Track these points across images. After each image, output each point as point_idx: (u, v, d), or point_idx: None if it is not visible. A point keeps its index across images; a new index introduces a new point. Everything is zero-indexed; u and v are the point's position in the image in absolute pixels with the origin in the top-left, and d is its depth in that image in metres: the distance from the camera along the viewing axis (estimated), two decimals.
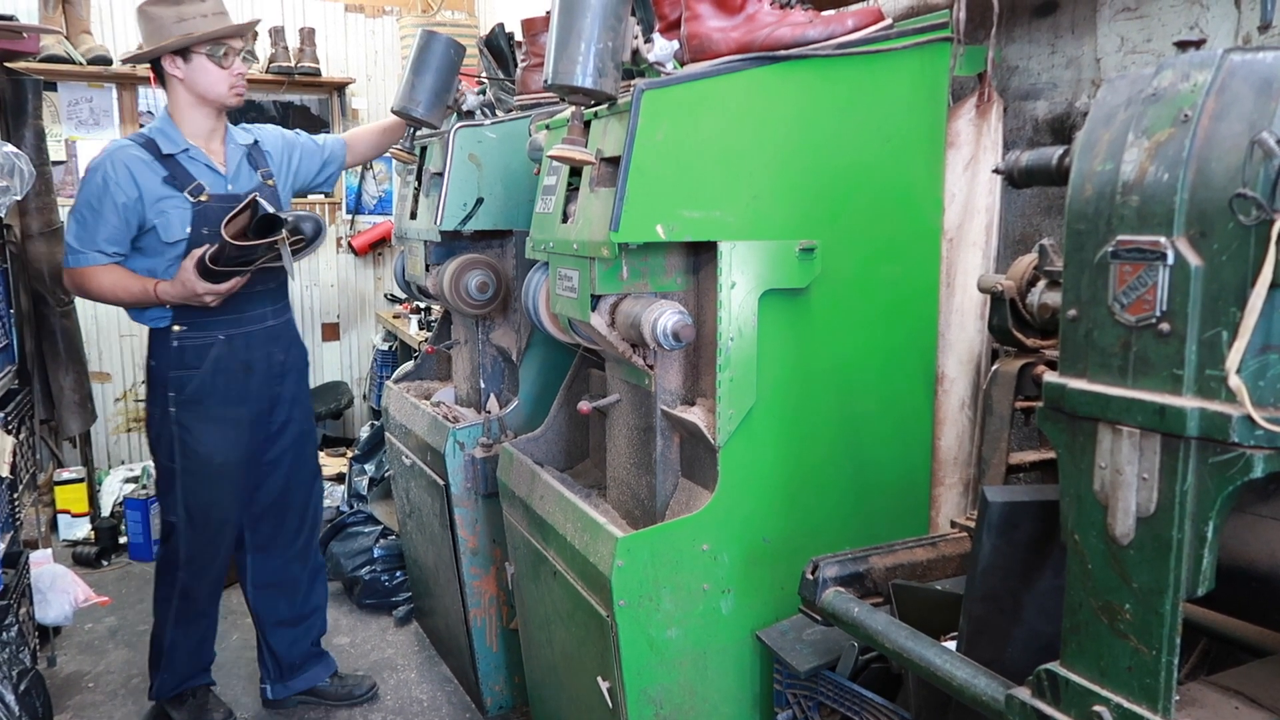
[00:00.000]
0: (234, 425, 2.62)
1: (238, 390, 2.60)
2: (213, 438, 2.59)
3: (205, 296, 2.41)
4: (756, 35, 1.75)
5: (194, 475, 2.60)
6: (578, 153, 1.69)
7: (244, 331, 2.60)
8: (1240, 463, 0.89)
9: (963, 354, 1.99)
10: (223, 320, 2.55)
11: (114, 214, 2.44)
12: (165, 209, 2.47)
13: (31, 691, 2.41)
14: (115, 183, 2.43)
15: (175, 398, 2.55)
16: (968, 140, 1.98)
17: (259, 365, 2.64)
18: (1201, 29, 1.69)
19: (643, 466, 1.96)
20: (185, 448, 2.58)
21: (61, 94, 4.75)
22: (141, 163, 2.47)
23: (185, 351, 2.54)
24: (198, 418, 2.57)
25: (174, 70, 2.49)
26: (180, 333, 2.53)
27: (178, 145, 2.52)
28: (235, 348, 2.58)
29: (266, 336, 2.66)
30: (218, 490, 2.64)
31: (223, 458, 2.61)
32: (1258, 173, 0.87)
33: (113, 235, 2.45)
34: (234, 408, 2.61)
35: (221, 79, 2.51)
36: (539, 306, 2.13)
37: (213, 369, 2.55)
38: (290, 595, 2.91)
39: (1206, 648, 1.34)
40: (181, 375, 2.54)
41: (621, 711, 1.82)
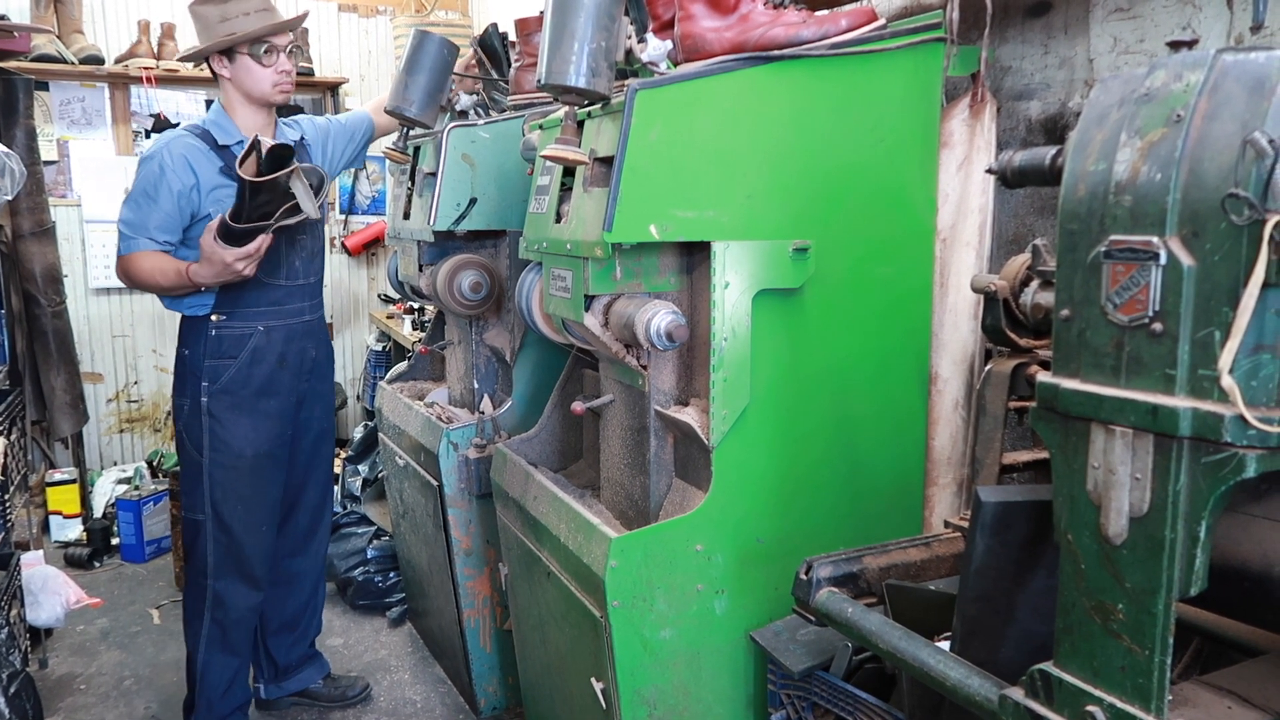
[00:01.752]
0: (265, 418, 2.58)
1: (272, 383, 2.57)
2: (245, 430, 2.54)
3: (236, 264, 2.33)
4: (750, 35, 1.74)
5: (224, 469, 2.54)
6: (571, 153, 1.69)
7: (283, 324, 2.58)
8: (1233, 463, 0.89)
9: (956, 354, 2.00)
10: (264, 311, 2.54)
11: (169, 201, 2.42)
12: (221, 198, 2.44)
13: (22, 694, 2.40)
14: (172, 170, 2.42)
15: (209, 387, 2.50)
16: (961, 140, 1.99)
17: (293, 360, 2.61)
18: (1194, 29, 1.69)
19: (636, 467, 1.96)
20: (216, 439, 2.52)
21: (53, 93, 4.73)
22: (199, 151, 2.46)
23: (223, 341, 2.51)
24: (231, 408, 2.52)
25: (221, 70, 2.51)
26: (220, 321, 2.50)
27: (232, 137, 2.52)
28: (273, 340, 2.56)
29: (303, 331, 2.64)
30: (248, 485, 2.58)
31: (254, 450, 2.56)
32: (1250, 172, 0.87)
33: (165, 223, 2.43)
34: (266, 400, 2.57)
35: (265, 77, 2.51)
36: (532, 307, 2.12)
37: (250, 360, 2.53)
38: (294, 595, 2.88)
39: (1199, 647, 1.35)
40: (217, 365, 2.51)
41: (615, 712, 1.81)
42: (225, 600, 2.60)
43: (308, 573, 2.90)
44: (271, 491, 2.65)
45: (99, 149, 4.85)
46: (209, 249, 2.33)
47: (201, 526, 2.57)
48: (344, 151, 2.86)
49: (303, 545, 2.86)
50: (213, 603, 2.60)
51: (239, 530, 2.58)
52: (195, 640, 2.64)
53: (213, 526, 2.56)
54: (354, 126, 2.88)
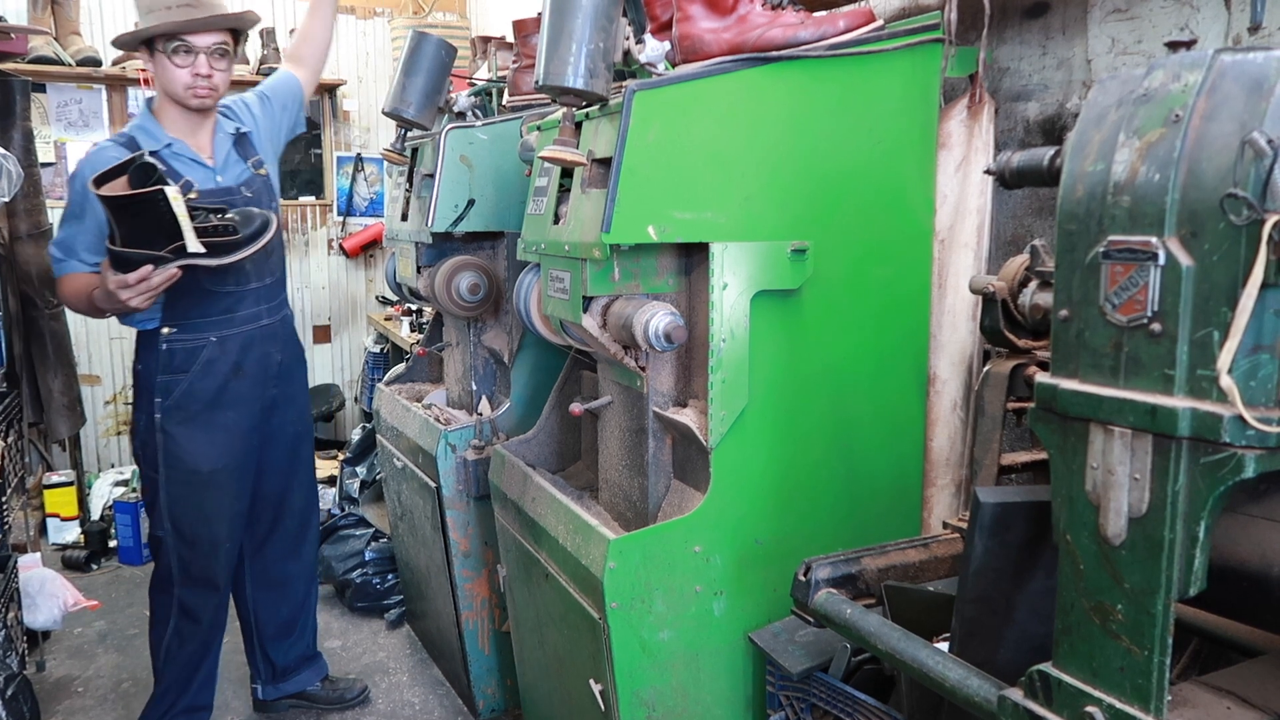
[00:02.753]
0: (224, 431, 2.47)
1: (228, 394, 2.46)
2: (200, 445, 2.43)
3: (119, 292, 2.11)
4: (748, 36, 1.74)
5: (180, 485, 2.45)
6: (569, 154, 1.69)
7: (238, 332, 2.45)
8: (1231, 463, 0.89)
9: (954, 355, 2.00)
10: (215, 321, 2.40)
11: (94, 220, 2.26)
12: None
13: (19, 697, 2.40)
14: None
15: (161, 403, 2.40)
16: (959, 141, 1.99)
17: (252, 367, 2.49)
18: (1192, 30, 1.69)
19: (635, 468, 1.95)
20: (170, 456, 2.42)
21: (50, 95, 4.73)
22: None
23: (174, 355, 2.39)
24: (184, 424, 2.42)
25: (146, 64, 2.35)
26: (169, 335, 2.38)
27: (159, 141, 2.34)
28: (228, 349, 2.43)
29: (263, 336, 2.50)
30: (207, 502, 2.48)
31: (211, 465, 2.46)
32: (1248, 173, 0.87)
33: (94, 244, 2.28)
34: (223, 412, 2.46)
35: (177, 79, 2.32)
36: (530, 308, 2.12)
37: (203, 372, 2.41)
38: (289, 599, 2.84)
39: (1198, 648, 1.35)
40: (169, 380, 2.40)
41: (614, 714, 1.81)
42: (191, 609, 2.55)
43: (299, 575, 2.86)
44: (234, 505, 2.55)
45: None
46: (101, 272, 2.19)
47: (164, 542, 2.50)
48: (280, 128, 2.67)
49: (293, 549, 2.82)
50: (179, 611, 2.55)
51: (202, 546, 2.51)
52: (157, 649, 2.60)
53: (174, 542, 2.49)
54: (286, 95, 2.68)
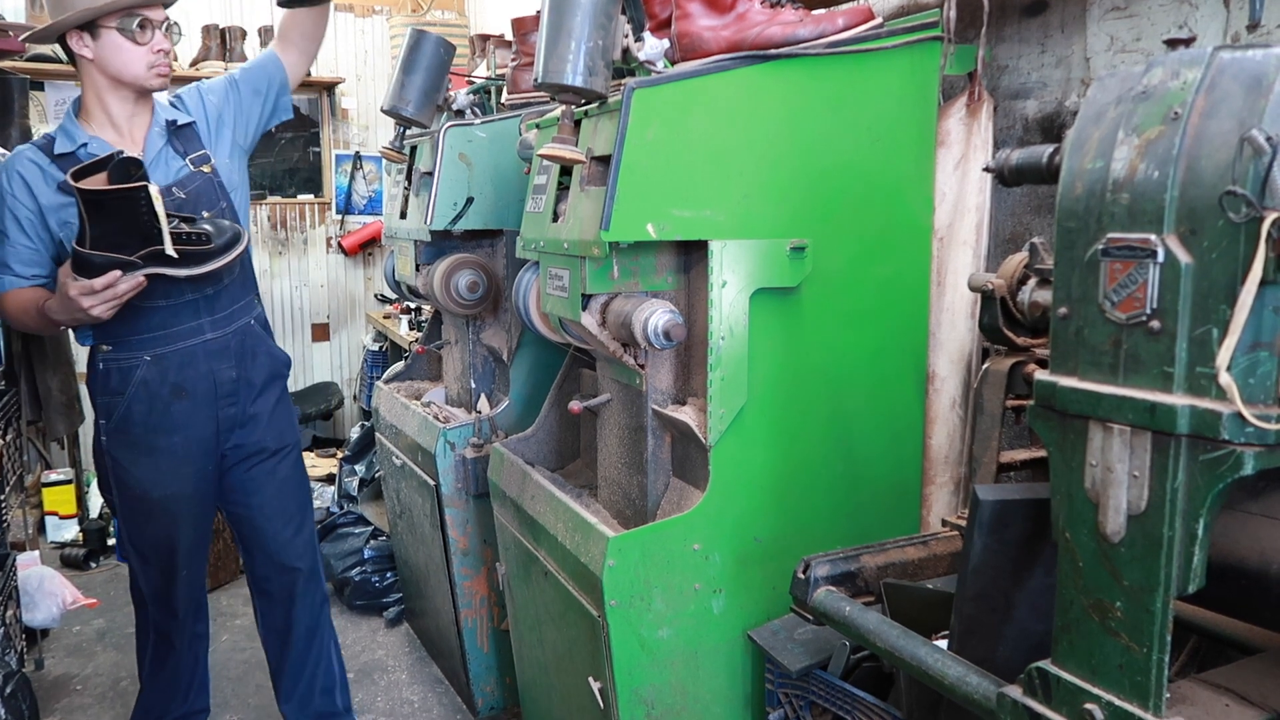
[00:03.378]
0: (168, 455, 2.25)
1: (171, 417, 2.23)
2: (145, 470, 2.25)
3: (80, 299, 1.94)
4: (747, 34, 1.74)
5: (133, 510, 2.30)
6: (568, 152, 1.69)
7: (175, 349, 2.20)
8: (1230, 460, 0.89)
9: (953, 353, 2.00)
10: (147, 339, 2.18)
11: (17, 231, 2.10)
12: (68, 218, 2.08)
13: (18, 694, 2.39)
14: (12, 195, 2.10)
15: (105, 426, 2.25)
16: (958, 139, 1.99)
17: (197, 387, 2.24)
18: (1190, 28, 1.69)
19: (634, 466, 1.95)
20: (119, 481, 2.28)
21: (48, 93, 4.72)
22: (36, 168, 2.11)
23: (110, 375, 2.21)
24: (126, 448, 2.25)
25: (82, 50, 2.09)
26: (106, 354, 2.20)
27: (75, 141, 2.12)
28: (165, 368, 2.20)
29: (207, 353, 2.23)
30: (161, 527, 2.31)
31: (161, 491, 2.27)
32: (1247, 170, 0.87)
33: (24, 255, 2.12)
34: (164, 436, 2.24)
35: (138, 57, 2.10)
36: (529, 306, 2.12)
37: (137, 394, 2.21)
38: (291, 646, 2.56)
39: (1197, 645, 1.35)
40: (108, 401, 2.23)
41: (613, 712, 1.81)
42: (164, 632, 2.45)
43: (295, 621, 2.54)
44: (192, 533, 2.37)
45: None
46: (60, 280, 2.01)
47: (130, 564, 2.41)
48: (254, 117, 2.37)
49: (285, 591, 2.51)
50: (155, 632, 2.45)
51: (160, 573, 2.37)
52: (141, 660, 2.52)
53: (139, 565, 2.38)
54: (259, 79, 2.38)
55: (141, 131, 2.20)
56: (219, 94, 2.33)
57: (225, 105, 2.33)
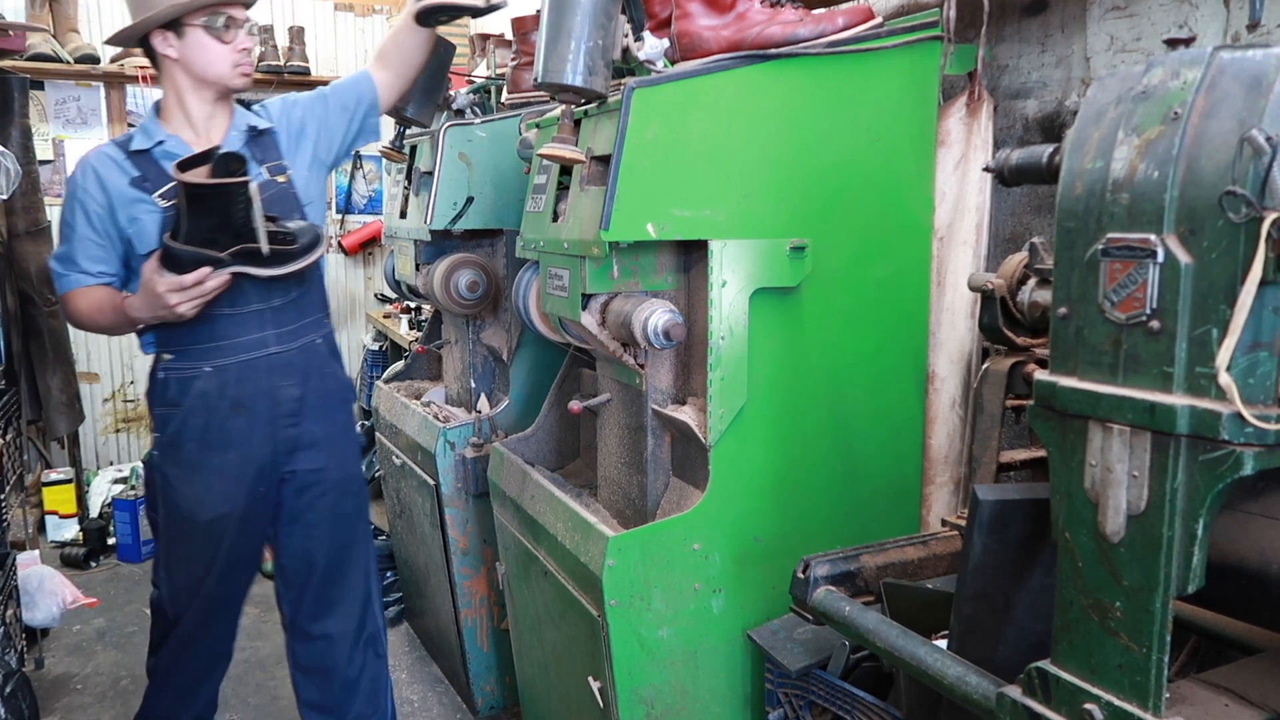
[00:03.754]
0: (220, 475, 2.11)
1: (226, 434, 2.11)
2: (195, 489, 2.12)
3: (167, 295, 1.91)
4: (747, 34, 1.74)
5: (176, 533, 2.15)
6: (568, 151, 1.69)
7: (237, 361, 2.09)
8: (1230, 460, 0.89)
9: (953, 352, 2.00)
10: (210, 348, 2.08)
11: (86, 226, 2.05)
12: (137, 215, 2.04)
13: (18, 694, 2.40)
14: (84, 189, 2.05)
15: (159, 439, 2.14)
16: (958, 139, 1.99)
17: (258, 404, 2.11)
18: (1190, 27, 1.69)
19: (634, 466, 1.95)
20: (166, 500, 2.15)
21: (49, 93, 4.72)
22: (111, 162, 2.07)
23: (169, 385, 2.11)
24: (178, 464, 2.12)
25: (166, 49, 2.05)
26: (167, 363, 2.11)
27: (152, 138, 2.08)
28: (225, 381, 2.09)
29: (269, 368, 2.12)
30: (203, 551, 2.15)
31: (209, 513, 2.12)
32: (1247, 170, 0.87)
33: (93, 253, 2.06)
34: (218, 454, 2.11)
35: (222, 56, 2.07)
36: (529, 306, 2.12)
37: (195, 407, 2.09)
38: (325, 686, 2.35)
39: (1196, 645, 1.35)
40: (166, 413, 2.12)
41: (613, 711, 1.81)
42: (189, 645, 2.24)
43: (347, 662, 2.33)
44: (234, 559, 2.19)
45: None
46: (145, 275, 1.96)
47: (155, 602, 2.24)
48: (337, 134, 2.29)
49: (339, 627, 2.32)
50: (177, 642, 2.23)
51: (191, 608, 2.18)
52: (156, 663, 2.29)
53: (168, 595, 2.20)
54: (348, 95, 2.30)
55: (219, 134, 2.14)
56: (304, 106, 2.28)
57: (310, 117, 2.26)
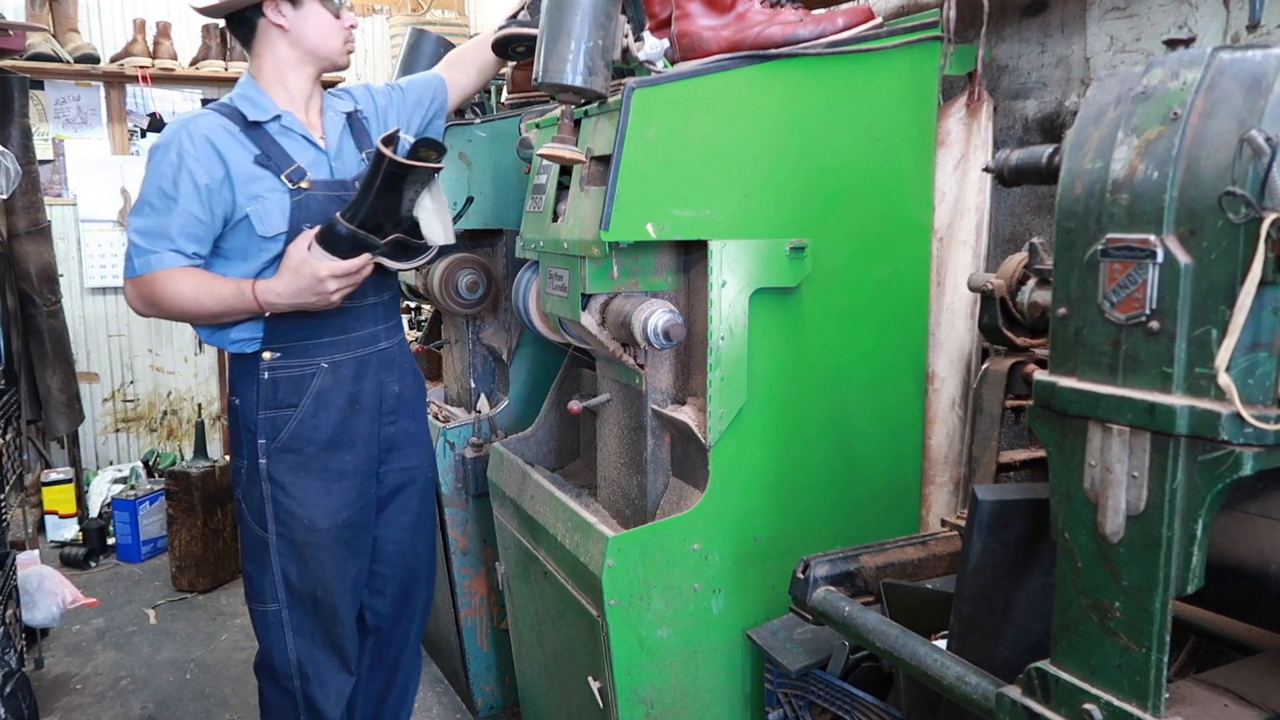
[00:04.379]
0: (339, 478, 2.01)
1: (345, 432, 2.01)
2: (316, 496, 1.98)
3: (328, 282, 1.83)
4: (747, 34, 1.74)
5: (297, 546, 1.99)
6: (568, 151, 1.69)
7: (352, 357, 2.00)
8: (1229, 460, 0.89)
9: (953, 353, 2.00)
10: (327, 344, 1.97)
11: (193, 199, 1.84)
12: (259, 193, 1.89)
13: (18, 694, 2.40)
14: (194, 157, 1.85)
15: (267, 446, 1.95)
16: (958, 139, 1.99)
17: (368, 400, 2.04)
18: (1190, 28, 1.69)
19: (633, 466, 1.95)
20: (281, 510, 1.97)
21: (48, 92, 4.72)
22: (227, 134, 1.89)
23: (278, 385, 1.95)
24: (296, 470, 1.97)
25: (277, 18, 1.92)
26: (273, 361, 1.95)
27: (266, 111, 1.93)
28: (341, 378, 1.99)
29: (379, 363, 2.06)
30: (328, 565, 2.01)
31: (330, 521, 2.00)
32: (1247, 170, 0.87)
33: (191, 228, 1.86)
34: (340, 455, 2.00)
35: (336, 30, 1.97)
36: (529, 306, 2.12)
37: (314, 406, 1.97)
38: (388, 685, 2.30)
39: (1196, 645, 1.35)
40: (274, 416, 1.95)
41: (612, 711, 1.81)
42: (319, 706, 2.06)
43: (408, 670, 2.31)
44: (356, 564, 2.09)
45: (94, 148, 4.84)
46: (297, 258, 1.84)
47: (275, 618, 2.01)
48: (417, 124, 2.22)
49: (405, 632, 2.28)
50: (306, 711, 2.06)
51: (326, 615, 2.04)
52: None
53: (290, 615, 2.01)
54: (424, 91, 2.22)
55: (316, 113, 2.04)
56: (384, 94, 2.19)
57: (390, 105, 2.18)
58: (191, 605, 3.71)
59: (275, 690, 2.07)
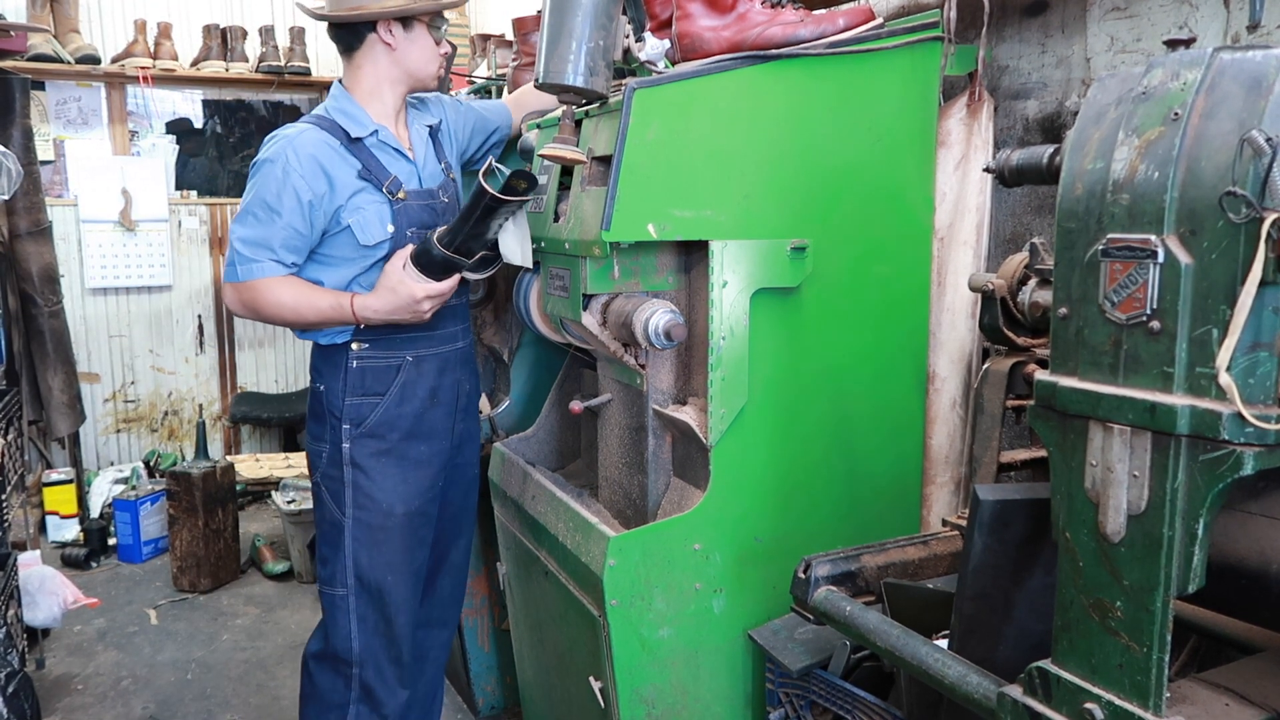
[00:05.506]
0: (416, 466, 2.10)
1: (424, 423, 2.10)
2: (394, 481, 2.07)
3: (423, 303, 1.95)
4: (748, 34, 1.75)
5: (371, 529, 2.06)
6: (569, 152, 1.69)
7: (435, 353, 2.11)
8: (1230, 460, 0.89)
9: (954, 353, 2.00)
10: (413, 338, 2.07)
11: (297, 213, 1.94)
12: (361, 205, 1.99)
13: (20, 694, 2.40)
14: (299, 174, 1.93)
15: (351, 430, 2.04)
16: (958, 139, 1.99)
17: (446, 395, 2.14)
18: (1191, 28, 1.69)
19: (634, 466, 1.96)
20: (360, 493, 2.05)
21: (49, 93, 4.72)
22: (330, 150, 1.98)
23: (366, 374, 2.04)
24: (379, 456, 2.06)
25: (388, 37, 2.00)
26: (361, 351, 2.04)
27: (365, 128, 2.02)
28: (424, 372, 2.09)
29: (457, 360, 2.17)
30: (398, 550, 2.09)
31: (406, 507, 2.08)
32: (1247, 170, 0.87)
33: (292, 240, 1.96)
34: (418, 444, 2.10)
35: (435, 56, 2.08)
36: (530, 306, 2.12)
37: (399, 397, 2.06)
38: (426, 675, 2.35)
39: (1196, 645, 1.35)
40: (360, 403, 2.04)
41: (613, 711, 1.81)
42: (376, 693, 2.11)
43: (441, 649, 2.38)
44: (420, 555, 2.16)
45: (95, 149, 4.85)
46: (394, 279, 1.95)
47: (342, 603, 2.07)
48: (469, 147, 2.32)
49: (443, 615, 2.35)
50: (360, 695, 2.10)
51: (391, 606, 2.09)
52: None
53: (357, 602, 2.07)
54: (490, 119, 2.34)
55: (403, 127, 2.12)
56: (451, 107, 2.27)
57: (461, 123, 2.27)
58: (192, 605, 3.71)
59: (328, 674, 2.11)
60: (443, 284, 1.96)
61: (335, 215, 1.98)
